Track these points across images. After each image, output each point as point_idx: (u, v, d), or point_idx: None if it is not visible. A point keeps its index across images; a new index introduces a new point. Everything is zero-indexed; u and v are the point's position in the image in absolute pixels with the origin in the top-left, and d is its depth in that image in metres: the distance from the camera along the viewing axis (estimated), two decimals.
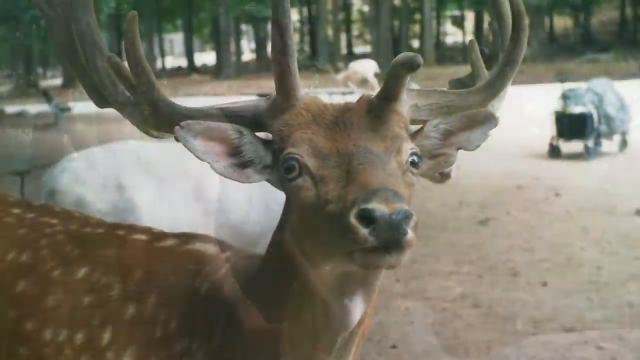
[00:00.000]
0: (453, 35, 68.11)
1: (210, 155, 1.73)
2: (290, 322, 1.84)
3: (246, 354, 1.93)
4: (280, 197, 1.87)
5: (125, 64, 1.95)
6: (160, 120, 1.89)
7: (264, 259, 1.94)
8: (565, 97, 14.68)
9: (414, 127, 1.88)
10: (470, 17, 62.38)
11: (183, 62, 59.99)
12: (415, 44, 63.28)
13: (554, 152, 14.54)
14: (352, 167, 1.58)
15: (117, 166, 4.30)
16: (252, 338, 1.92)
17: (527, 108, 21.38)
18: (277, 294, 1.85)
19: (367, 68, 25.64)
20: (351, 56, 48.86)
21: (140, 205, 4.21)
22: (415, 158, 1.73)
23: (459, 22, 65.36)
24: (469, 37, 61.12)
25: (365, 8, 59.71)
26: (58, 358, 2.05)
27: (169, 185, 4.29)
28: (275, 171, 1.77)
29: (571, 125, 14.33)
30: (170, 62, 63.11)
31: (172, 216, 4.23)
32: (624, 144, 14.92)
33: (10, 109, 29.94)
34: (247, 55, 66.19)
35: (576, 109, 14.38)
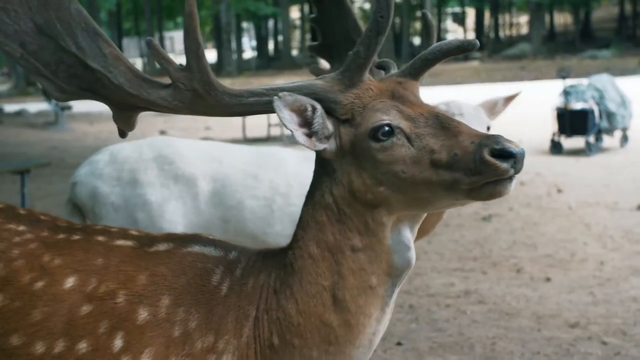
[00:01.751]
0: (454, 32, 68.24)
1: (291, 125, 1.95)
2: (350, 285, 1.99)
3: (287, 339, 2.03)
4: None
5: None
6: (211, 102, 2.04)
7: (298, 241, 2.05)
8: (566, 93, 14.69)
9: None
10: (471, 14, 62.44)
11: (184, 60, 59.94)
12: (416, 41, 63.12)
13: (556, 148, 14.57)
14: (447, 124, 1.92)
15: (135, 161, 4.25)
16: (296, 321, 2.02)
17: (528, 104, 21.40)
18: (324, 265, 2.01)
19: None
20: None
21: (151, 202, 4.17)
22: None
23: (459, 19, 65.46)
24: (470, 34, 61.00)
25: (367, 5, 59.67)
26: None
27: (184, 185, 4.22)
28: (333, 140, 2.01)
29: (572, 121, 14.36)
30: None
31: (186, 218, 4.17)
32: (625, 139, 14.95)
33: (10, 107, 29.98)
34: (248, 52, 66.32)
35: (577, 105, 14.40)
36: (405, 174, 1.92)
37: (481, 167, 1.83)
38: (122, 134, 2.26)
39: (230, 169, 4.25)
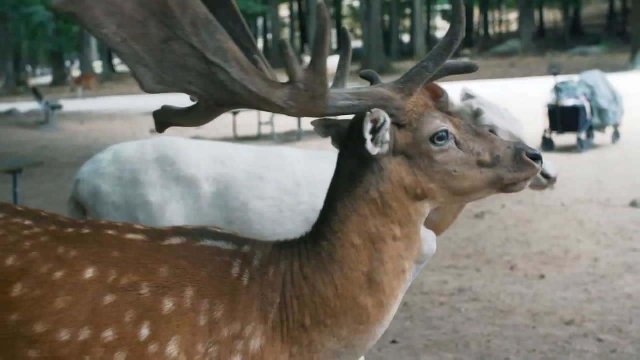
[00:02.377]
0: (443, 30, 68.34)
1: (368, 133, 2.17)
2: (389, 270, 2.23)
3: (321, 319, 2.21)
4: (319, 204, 2.34)
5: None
6: (320, 104, 2.15)
7: (336, 232, 2.24)
8: (557, 90, 14.69)
9: None
10: None
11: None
12: (406, 38, 63.21)
13: (547, 145, 14.57)
14: (480, 131, 2.30)
15: (137, 162, 4.22)
16: (333, 304, 2.21)
17: (519, 101, 21.43)
18: (365, 254, 2.22)
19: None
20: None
21: (151, 202, 4.14)
22: None
23: (449, 17, 65.57)
24: None
25: (356, 3, 59.67)
26: (83, 357, 2.06)
27: (186, 186, 4.17)
28: (389, 143, 2.24)
29: (564, 118, 14.36)
30: None
31: (188, 219, 4.13)
32: (616, 136, 14.96)
33: (0, 107, 29.89)
34: None
35: (569, 102, 14.39)
36: (457, 173, 2.26)
37: (522, 166, 2.26)
38: (161, 129, 2.29)
39: (233, 170, 4.22)
